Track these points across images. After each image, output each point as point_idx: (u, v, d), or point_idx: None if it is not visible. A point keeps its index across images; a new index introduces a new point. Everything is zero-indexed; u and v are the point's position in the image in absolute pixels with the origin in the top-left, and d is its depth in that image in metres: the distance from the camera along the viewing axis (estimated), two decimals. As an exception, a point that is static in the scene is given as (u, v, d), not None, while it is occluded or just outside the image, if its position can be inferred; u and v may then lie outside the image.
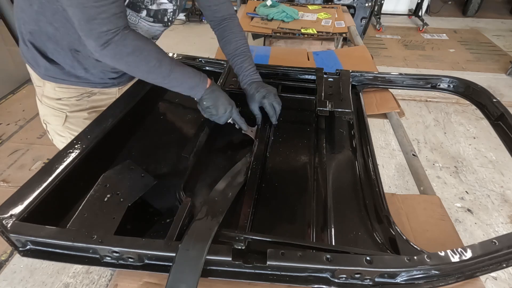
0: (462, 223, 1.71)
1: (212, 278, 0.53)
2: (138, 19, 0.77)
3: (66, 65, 0.82)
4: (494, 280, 1.46)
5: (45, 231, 0.53)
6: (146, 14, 0.77)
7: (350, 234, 0.62)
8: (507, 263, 0.53)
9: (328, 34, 1.89)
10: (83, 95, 0.89)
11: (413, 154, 0.87)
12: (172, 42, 3.58)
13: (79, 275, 1.45)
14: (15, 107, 2.47)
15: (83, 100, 0.90)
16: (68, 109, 0.89)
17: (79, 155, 0.69)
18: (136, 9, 0.74)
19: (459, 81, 1.00)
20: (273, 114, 0.86)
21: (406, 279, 0.51)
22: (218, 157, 0.82)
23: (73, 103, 0.88)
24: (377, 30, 3.91)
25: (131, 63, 0.68)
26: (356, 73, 1.06)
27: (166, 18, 0.83)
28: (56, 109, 0.88)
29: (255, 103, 0.86)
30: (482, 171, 2.03)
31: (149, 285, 0.55)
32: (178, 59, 1.13)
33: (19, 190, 0.60)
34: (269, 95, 0.85)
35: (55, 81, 0.84)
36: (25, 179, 0.62)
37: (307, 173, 0.77)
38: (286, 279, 0.51)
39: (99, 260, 0.53)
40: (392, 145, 2.21)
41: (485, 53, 3.41)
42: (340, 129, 0.90)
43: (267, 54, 1.41)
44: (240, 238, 0.56)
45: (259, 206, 0.68)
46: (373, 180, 0.71)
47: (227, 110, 0.80)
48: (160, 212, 0.66)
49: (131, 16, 0.75)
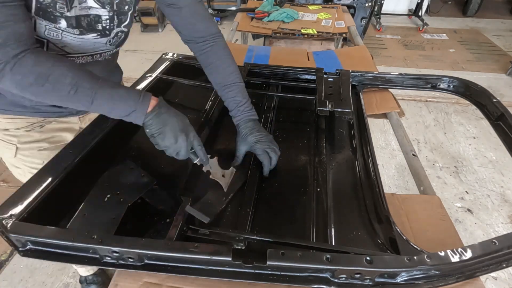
0: (462, 223, 1.71)
1: (212, 278, 0.53)
2: (59, 32, 0.62)
3: (7, 93, 0.71)
4: (494, 280, 1.46)
5: (45, 231, 0.53)
6: (67, 25, 0.62)
7: (350, 234, 0.62)
8: (507, 263, 0.53)
9: (328, 34, 1.89)
10: (34, 125, 0.77)
11: (413, 154, 0.87)
12: (172, 42, 3.58)
13: (79, 275, 1.45)
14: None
15: (34, 132, 0.78)
16: (17, 141, 0.78)
17: (79, 155, 0.69)
18: (49, 18, 0.60)
19: (459, 81, 0.99)
20: (268, 164, 0.72)
21: (406, 279, 0.51)
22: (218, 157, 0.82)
23: (22, 134, 0.77)
24: (377, 30, 3.91)
25: (37, 93, 0.55)
26: (356, 73, 1.06)
27: (99, 26, 0.67)
28: (4, 140, 0.78)
29: (244, 146, 0.73)
30: (482, 171, 2.03)
31: (149, 285, 0.55)
32: (178, 59, 1.13)
33: (19, 190, 0.60)
34: (264, 140, 0.72)
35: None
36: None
37: (307, 173, 0.77)
38: (286, 279, 0.51)
39: (99, 260, 0.53)
40: (392, 145, 2.21)
41: (485, 53, 3.41)
42: (340, 129, 0.90)
43: (267, 54, 1.41)
44: (240, 238, 0.56)
45: (259, 206, 0.68)
46: (373, 180, 0.71)
47: (179, 139, 0.62)
48: (160, 212, 0.66)
49: (49, 32, 0.61)
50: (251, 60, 1.36)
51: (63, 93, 0.55)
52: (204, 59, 0.78)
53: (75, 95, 0.56)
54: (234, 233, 0.58)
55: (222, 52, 0.77)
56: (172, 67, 1.10)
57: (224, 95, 0.78)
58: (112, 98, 0.59)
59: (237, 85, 0.77)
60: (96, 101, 0.57)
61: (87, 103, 0.57)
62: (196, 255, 0.50)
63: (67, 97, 0.56)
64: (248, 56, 1.40)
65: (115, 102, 0.59)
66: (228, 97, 0.77)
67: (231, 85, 0.76)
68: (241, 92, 0.77)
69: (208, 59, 0.77)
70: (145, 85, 0.97)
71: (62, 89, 0.55)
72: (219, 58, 0.77)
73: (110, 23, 0.69)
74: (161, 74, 1.04)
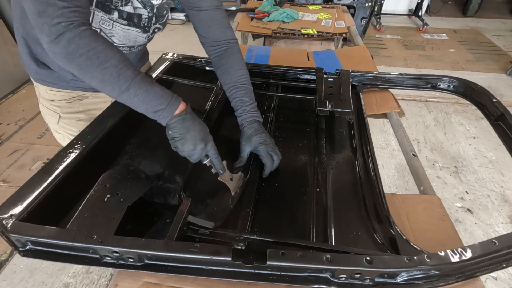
0: (462, 223, 1.71)
1: (212, 278, 0.53)
2: (111, 22, 0.73)
3: (55, 67, 0.80)
4: (494, 280, 1.46)
5: (45, 231, 0.52)
6: (118, 16, 0.73)
7: (350, 234, 0.62)
8: (507, 263, 0.52)
9: (328, 34, 1.89)
10: (74, 99, 0.88)
11: (413, 154, 0.87)
12: (172, 42, 3.58)
13: (79, 275, 1.45)
14: (15, 107, 2.47)
15: (75, 103, 0.89)
16: (61, 111, 0.89)
17: (79, 155, 0.69)
18: (106, 10, 0.70)
19: (459, 81, 0.99)
20: (270, 166, 0.73)
21: (406, 279, 0.51)
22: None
23: (65, 105, 0.88)
24: (377, 30, 3.91)
25: (83, 66, 0.57)
26: (356, 73, 1.06)
27: (142, 23, 0.78)
28: (50, 109, 0.89)
29: (248, 147, 0.74)
30: (482, 171, 2.03)
31: (149, 285, 0.55)
32: (178, 59, 1.13)
33: (19, 190, 0.60)
34: (269, 143, 0.74)
35: (46, 84, 0.84)
36: (25, 179, 0.62)
37: (307, 173, 0.77)
38: (286, 279, 0.51)
39: (99, 260, 0.53)
40: (392, 145, 2.21)
41: (485, 53, 3.41)
42: (340, 129, 0.90)
43: (267, 54, 1.41)
44: (240, 238, 0.56)
45: (259, 206, 0.68)
46: (373, 180, 0.71)
47: (197, 148, 0.64)
48: (160, 212, 0.66)
49: (103, 22, 0.72)
50: (251, 60, 1.36)
51: (106, 72, 0.58)
52: (217, 61, 0.82)
53: (116, 78, 0.59)
54: (234, 233, 0.58)
55: (235, 56, 0.81)
56: (172, 67, 1.10)
57: (232, 96, 0.80)
58: (147, 91, 0.61)
59: (246, 87, 0.80)
60: (132, 89, 0.60)
61: (123, 89, 0.60)
62: (196, 255, 0.50)
63: (108, 77, 0.58)
64: (248, 56, 1.40)
65: (149, 95, 0.62)
66: (235, 97, 0.79)
67: (240, 86, 0.79)
68: (249, 94, 0.80)
69: (220, 61, 0.81)
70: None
71: (107, 68, 0.58)
72: (231, 62, 0.80)
73: (149, 22, 0.79)
74: (161, 74, 1.04)
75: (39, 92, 0.88)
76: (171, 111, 0.63)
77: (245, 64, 0.83)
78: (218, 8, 0.79)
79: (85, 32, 0.56)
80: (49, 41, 0.55)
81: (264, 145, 0.73)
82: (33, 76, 0.84)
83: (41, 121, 2.40)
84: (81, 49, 0.56)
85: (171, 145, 0.66)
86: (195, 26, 0.81)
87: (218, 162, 0.69)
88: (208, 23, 0.79)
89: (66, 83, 0.84)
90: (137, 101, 0.62)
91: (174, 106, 0.64)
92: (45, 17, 0.53)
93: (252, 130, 0.75)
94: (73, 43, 0.55)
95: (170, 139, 0.66)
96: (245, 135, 0.76)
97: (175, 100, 0.64)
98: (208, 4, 0.77)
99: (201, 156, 0.67)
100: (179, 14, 4.13)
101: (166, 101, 0.63)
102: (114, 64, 0.58)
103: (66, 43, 0.55)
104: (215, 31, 0.80)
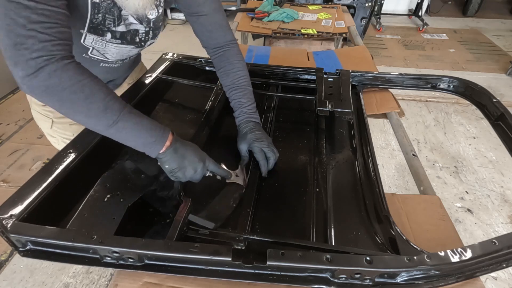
0: (462, 223, 1.71)
1: (212, 278, 0.53)
2: (104, 43, 0.72)
3: None
4: (494, 280, 1.46)
5: (45, 231, 0.52)
6: (112, 37, 0.71)
7: (350, 234, 0.62)
8: (507, 263, 0.53)
9: (328, 34, 1.89)
10: None
11: (413, 154, 0.87)
12: (172, 42, 3.58)
13: (79, 275, 1.45)
14: (15, 107, 2.47)
15: None
16: (53, 116, 0.89)
17: (79, 155, 0.69)
18: (98, 33, 0.68)
19: (459, 81, 0.99)
20: (264, 163, 0.73)
21: (406, 279, 0.51)
22: (219, 157, 0.82)
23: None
24: (377, 30, 3.91)
25: (66, 100, 0.54)
26: (356, 73, 1.06)
27: (137, 38, 0.77)
28: (43, 114, 0.89)
29: (244, 144, 0.75)
30: (482, 171, 2.03)
31: (149, 285, 0.55)
32: (178, 59, 1.13)
33: (19, 190, 0.60)
34: (263, 140, 0.74)
35: None
36: (25, 179, 0.62)
37: (307, 173, 0.77)
38: (286, 279, 0.51)
39: (99, 260, 0.53)
40: (392, 145, 2.21)
41: (485, 53, 3.41)
42: (340, 129, 0.90)
43: (267, 54, 1.41)
44: (240, 238, 0.56)
45: (259, 206, 0.68)
46: (373, 180, 0.71)
47: (198, 169, 0.64)
48: (160, 212, 0.66)
49: (96, 42, 0.70)
50: (251, 60, 1.36)
51: (92, 106, 0.55)
52: (217, 62, 0.83)
53: (103, 111, 0.56)
54: (234, 233, 0.58)
55: (235, 57, 0.82)
56: (172, 67, 1.10)
57: (231, 96, 0.81)
58: (136, 124, 0.60)
59: (245, 88, 0.81)
60: (121, 123, 0.58)
61: (110, 123, 0.57)
62: (196, 255, 0.50)
63: (95, 111, 0.56)
64: (248, 56, 1.40)
65: (138, 128, 0.60)
66: (234, 98, 0.81)
67: (239, 87, 0.80)
68: (248, 95, 0.80)
69: (221, 62, 0.82)
70: (145, 85, 0.97)
71: (93, 102, 0.55)
72: (231, 63, 0.81)
73: (146, 36, 0.79)
74: (161, 74, 1.04)
75: (30, 98, 0.87)
76: (162, 143, 0.61)
77: (245, 65, 0.83)
78: (218, 10, 0.79)
79: (69, 65, 0.53)
80: (24, 75, 0.51)
81: (258, 141, 0.74)
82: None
83: (41, 121, 2.37)
84: (64, 82, 0.53)
85: (171, 177, 0.65)
86: (196, 31, 0.81)
87: (221, 171, 0.69)
88: (209, 28, 0.79)
89: None
90: (125, 134, 0.60)
91: (164, 137, 0.62)
92: (22, 49, 0.50)
93: (248, 129, 0.76)
94: (55, 77, 0.52)
95: (169, 172, 0.64)
96: (241, 133, 0.77)
97: (164, 131, 0.62)
98: (207, 8, 0.76)
99: (204, 173, 0.67)
100: (179, 14, 4.13)
101: (156, 133, 0.61)
102: (101, 97, 0.56)
103: (47, 77, 0.51)
104: (215, 36, 0.80)
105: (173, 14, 4.17)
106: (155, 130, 0.61)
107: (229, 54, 0.82)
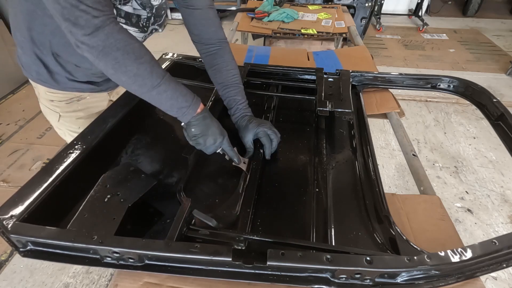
0: (462, 223, 1.71)
1: (212, 278, 0.53)
2: None
3: (54, 68, 0.81)
4: (494, 280, 1.46)
5: (45, 232, 0.53)
6: (116, 14, 0.73)
7: (350, 234, 0.62)
8: (507, 263, 0.53)
9: (328, 34, 1.89)
10: (73, 99, 0.90)
11: (413, 154, 0.87)
12: (172, 42, 3.58)
13: (79, 275, 1.45)
14: (15, 107, 2.47)
15: (73, 103, 0.91)
16: (60, 110, 0.91)
17: (79, 156, 0.69)
18: None
19: (459, 81, 1.00)
20: (269, 146, 0.78)
21: (406, 279, 0.51)
22: (219, 158, 0.82)
23: (64, 105, 0.90)
24: (377, 30, 3.91)
25: (120, 60, 0.58)
26: (356, 73, 1.06)
27: (140, 23, 0.80)
28: (50, 108, 0.92)
29: (249, 134, 0.78)
30: (482, 171, 2.03)
31: (149, 285, 0.55)
32: (178, 59, 1.13)
33: (19, 190, 0.60)
34: (265, 123, 0.79)
35: (45, 86, 0.85)
36: (25, 179, 0.62)
37: (307, 173, 0.77)
38: (286, 279, 0.51)
39: (100, 260, 0.53)
40: (392, 145, 2.21)
41: (485, 53, 3.41)
42: (340, 129, 0.90)
43: (267, 54, 1.41)
44: (240, 239, 0.56)
45: (259, 206, 0.68)
46: (373, 180, 0.71)
47: (217, 141, 0.71)
48: (160, 212, 0.66)
49: None
50: (251, 60, 1.36)
51: (141, 67, 0.60)
52: (209, 61, 0.84)
53: (150, 73, 0.61)
54: (234, 233, 0.58)
55: (226, 56, 0.84)
56: (172, 67, 1.10)
57: (225, 94, 0.84)
58: (175, 89, 0.65)
59: (238, 86, 0.84)
60: (163, 86, 0.63)
61: (155, 84, 0.62)
62: (196, 255, 0.50)
63: (142, 72, 0.60)
64: (248, 56, 1.40)
65: (176, 93, 0.65)
66: (228, 96, 0.83)
67: (232, 85, 0.83)
68: (241, 93, 0.84)
69: (213, 60, 0.84)
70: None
71: (142, 63, 0.60)
72: (223, 61, 0.83)
73: (147, 22, 0.81)
74: (161, 74, 1.03)
75: (39, 93, 0.90)
76: (195, 109, 0.68)
77: (235, 63, 0.86)
78: (211, 7, 0.81)
79: (121, 28, 0.58)
80: (84, 33, 0.54)
81: (261, 126, 0.77)
82: (33, 76, 0.84)
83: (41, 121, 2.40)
84: (118, 43, 0.57)
85: (191, 141, 0.72)
86: (188, 25, 0.82)
87: (233, 153, 0.74)
88: (202, 22, 0.81)
89: (64, 85, 0.85)
90: (165, 97, 0.64)
91: (196, 104, 0.68)
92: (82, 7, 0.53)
93: (246, 121, 0.80)
94: (111, 37, 0.56)
95: (192, 136, 0.70)
96: (242, 127, 0.80)
97: (197, 99, 0.69)
98: (202, 3, 0.78)
99: (218, 148, 0.73)
100: (179, 14, 4.13)
101: (190, 99, 0.67)
102: (148, 60, 0.61)
103: (104, 37, 0.55)
104: (208, 30, 0.82)
105: (173, 14, 4.17)
106: (190, 96, 0.68)
107: (222, 52, 0.83)
